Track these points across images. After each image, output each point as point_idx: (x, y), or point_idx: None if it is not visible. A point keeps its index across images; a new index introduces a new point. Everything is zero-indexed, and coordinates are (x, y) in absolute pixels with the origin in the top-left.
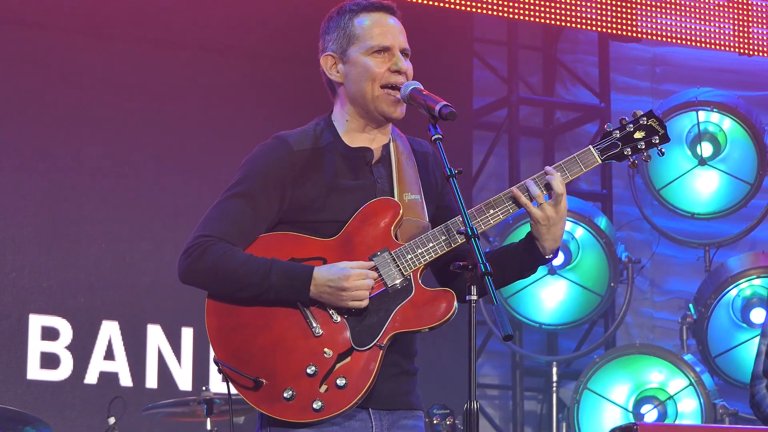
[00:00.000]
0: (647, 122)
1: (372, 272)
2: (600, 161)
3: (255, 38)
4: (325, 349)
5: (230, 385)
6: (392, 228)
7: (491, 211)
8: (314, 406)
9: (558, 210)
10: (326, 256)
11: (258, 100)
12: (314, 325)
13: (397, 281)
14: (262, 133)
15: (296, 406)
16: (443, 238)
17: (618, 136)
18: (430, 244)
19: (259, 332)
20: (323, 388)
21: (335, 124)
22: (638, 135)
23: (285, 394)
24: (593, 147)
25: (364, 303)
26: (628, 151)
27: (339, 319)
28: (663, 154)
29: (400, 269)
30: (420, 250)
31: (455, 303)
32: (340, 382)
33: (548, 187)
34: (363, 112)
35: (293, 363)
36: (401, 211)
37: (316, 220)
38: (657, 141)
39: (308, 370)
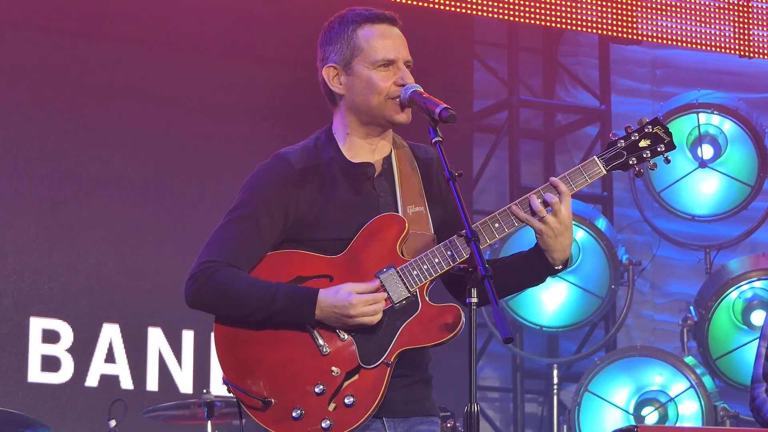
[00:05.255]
0: (652, 130)
1: (381, 294)
2: (605, 171)
3: (259, 43)
4: (333, 368)
5: (240, 406)
6: (398, 244)
7: (496, 225)
8: (323, 424)
9: (560, 220)
10: (333, 274)
11: (261, 105)
12: (321, 343)
13: (404, 298)
14: (264, 138)
15: (305, 425)
16: (449, 253)
17: (623, 145)
18: (436, 260)
19: (267, 352)
20: (332, 406)
21: (336, 137)
22: (643, 143)
23: (294, 414)
24: (598, 157)
25: (375, 320)
26: (633, 160)
27: (346, 337)
28: (669, 161)
29: (406, 286)
30: (426, 267)
31: (462, 318)
32: (348, 400)
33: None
34: (367, 120)
35: (301, 382)
36: (407, 226)
37: (320, 238)
38: (662, 149)
39: (316, 389)
